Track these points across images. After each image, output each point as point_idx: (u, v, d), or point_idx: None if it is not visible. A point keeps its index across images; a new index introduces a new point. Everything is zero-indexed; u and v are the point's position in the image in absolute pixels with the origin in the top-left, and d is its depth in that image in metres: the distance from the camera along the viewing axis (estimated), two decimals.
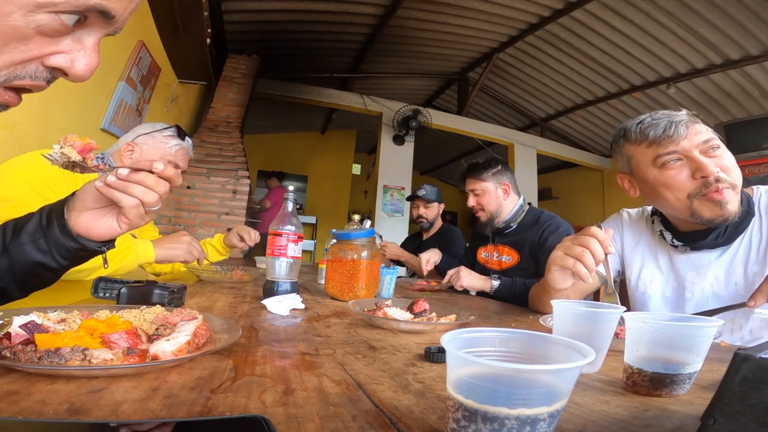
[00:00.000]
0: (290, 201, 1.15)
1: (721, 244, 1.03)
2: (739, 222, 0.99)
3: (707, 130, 0.98)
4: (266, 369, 0.53)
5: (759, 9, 3.87)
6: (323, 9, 4.86)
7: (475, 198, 1.99)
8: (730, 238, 1.01)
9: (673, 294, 1.11)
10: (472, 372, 0.31)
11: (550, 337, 0.38)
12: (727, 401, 0.29)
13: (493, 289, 1.73)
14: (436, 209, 2.86)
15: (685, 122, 0.96)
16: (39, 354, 0.44)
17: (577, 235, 0.96)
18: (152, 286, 0.82)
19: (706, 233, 1.01)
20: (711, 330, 0.51)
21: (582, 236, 0.93)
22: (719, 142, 0.96)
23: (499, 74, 6.51)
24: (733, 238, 1.02)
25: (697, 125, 0.97)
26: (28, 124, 2.05)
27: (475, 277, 1.78)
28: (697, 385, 0.55)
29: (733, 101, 5.15)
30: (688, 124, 0.96)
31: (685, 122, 0.96)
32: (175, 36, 3.57)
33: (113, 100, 2.88)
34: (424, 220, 2.84)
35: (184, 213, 4.03)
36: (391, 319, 0.85)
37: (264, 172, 6.73)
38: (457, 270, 1.77)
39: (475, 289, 1.80)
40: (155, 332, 0.57)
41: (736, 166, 0.97)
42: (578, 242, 0.93)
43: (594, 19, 4.72)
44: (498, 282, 1.74)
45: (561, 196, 8.90)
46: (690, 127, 0.96)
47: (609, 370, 0.62)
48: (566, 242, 0.97)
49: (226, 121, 4.57)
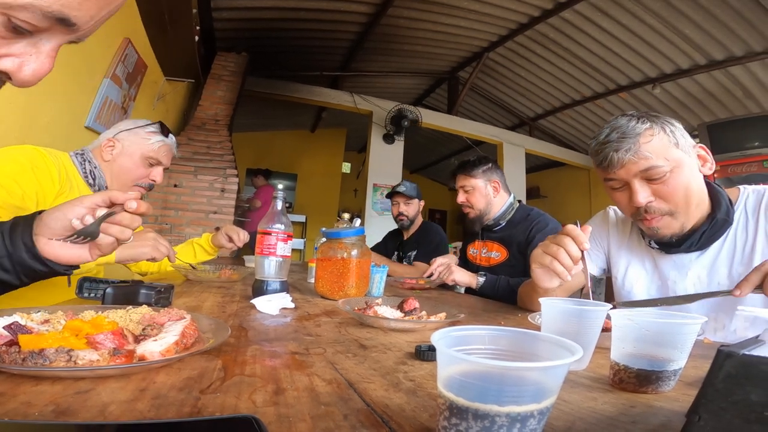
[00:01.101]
0: (279, 199, 1.14)
1: (696, 249, 1.05)
2: (716, 228, 1.01)
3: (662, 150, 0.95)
4: (256, 369, 0.52)
5: (743, 10, 3.94)
6: (314, 7, 4.83)
7: (465, 195, 2.00)
8: (705, 244, 1.03)
9: (657, 293, 1.13)
10: (462, 370, 0.32)
11: (539, 334, 0.38)
12: (712, 398, 0.29)
13: (479, 285, 1.76)
14: (416, 206, 2.76)
15: (627, 149, 0.95)
16: (23, 355, 0.43)
17: (555, 234, 0.97)
18: (138, 285, 0.81)
19: (678, 241, 1.03)
20: (695, 327, 0.52)
21: (559, 235, 0.95)
22: (665, 168, 0.94)
23: (489, 74, 6.54)
24: (709, 243, 1.03)
25: (647, 146, 0.94)
26: (11, 121, 2.01)
27: (464, 273, 1.80)
28: (682, 381, 0.56)
29: (717, 101, 5.24)
30: (636, 150, 0.94)
31: (628, 149, 0.95)
32: (163, 33, 3.51)
33: (98, 97, 2.83)
34: (405, 217, 2.74)
35: (171, 211, 3.98)
36: (382, 318, 0.85)
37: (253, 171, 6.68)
38: (448, 264, 1.77)
39: (464, 284, 1.81)
40: (142, 332, 0.56)
41: (688, 187, 0.96)
42: (555, 240, 0.95)
43: (583, 20, 4.77)
44: (483, 279, 1.76)
45: (549, 195, 8.98)
46: (632, 153, 0.95)
47: (596, 367, 0.63)
48: (546, 240, 0.99)
49: (215, 119, 4.52)
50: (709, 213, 1.02)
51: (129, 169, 1.40)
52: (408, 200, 2.74)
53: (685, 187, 0.97)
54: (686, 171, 0.97)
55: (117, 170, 1.39)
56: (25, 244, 0.66)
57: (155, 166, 1.45)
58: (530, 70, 6.13)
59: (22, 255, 0.66)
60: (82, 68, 2.60)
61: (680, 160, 0.96)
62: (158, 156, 1.44)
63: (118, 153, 1.40)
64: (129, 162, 1.40)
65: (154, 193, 3.96)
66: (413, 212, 2.75)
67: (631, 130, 0.97)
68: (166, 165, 1.49)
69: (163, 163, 1.47)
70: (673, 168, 0.95)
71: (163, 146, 1.46)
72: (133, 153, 1.41)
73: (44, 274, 0.70)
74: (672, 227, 1.00)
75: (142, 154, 1.41)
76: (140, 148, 1.42)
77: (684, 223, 1.00)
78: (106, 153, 1.39)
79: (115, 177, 1.41)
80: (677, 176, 0.96)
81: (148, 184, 1.45)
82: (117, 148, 1.40)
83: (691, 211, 0.99)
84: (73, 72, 2.47)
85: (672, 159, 0.95)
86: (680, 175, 0.96)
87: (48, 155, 1.23)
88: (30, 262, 0.67)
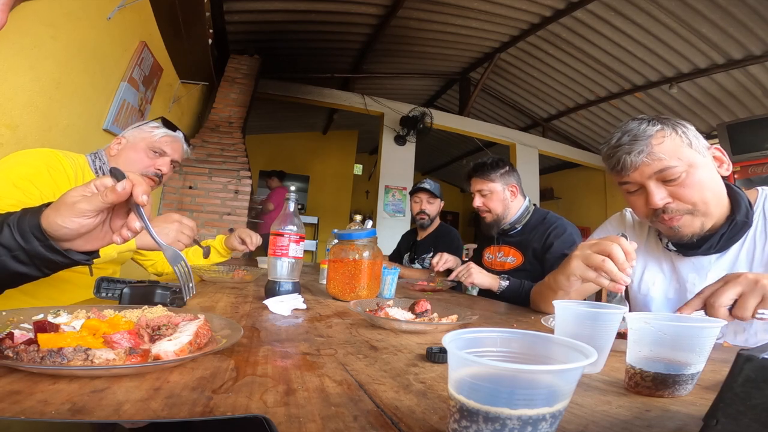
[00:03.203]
0: (292, 201, 1.15)
1: (715, 251, 1.03)
2: (735, 230, 0.99)
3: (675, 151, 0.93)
4: (268, 369, 0.53)
5: (761, 8, 3.86)
6: (324, 9, 4.86)
7: (482, 199, 1.95)
8: (724, 246, 1.01)
9: (675, 296, 1.11)
10: (473, 372, 0.31)
11: (552, 337, 0.38)
12: (730, 402, 0.28)
13: (501, 289, 1.70)
14: (438, 205, 2.68)
15: (640, 151, 0.94)
16: (41, 354, 0.44)
17: (598, 241, 0.89)
18: (154, 286, 0.82)
19: (698, 242, 1.01)
20: (714, 330, 0.51)
21: (603, 242, 0.87)
22: (680, 168, 0.93)
23: (500, 74, 6.51)
24: (728, 245, 1.01)
25: (660, 147, 0.93)
26: (31, 125, 2.06)
27: (485, 275, 1.74)
28: (700, 385, 0.55)
29: (736, 101, 5.14)
30: (649, 151, 0.93)
31: (641, 151, 0.94)
32: (177, 36, 3.57)
33: (115, 100, 2.89)
34: (426, 216, 2.65)
35: (185, 213, 4.02)
36: (393, 320, 0.85)
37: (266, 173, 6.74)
38: (467, 266, 1.73)
39: (484, 286, 1.77)
40: (157, 332, 0.57)
41: (705, 186, 0.95)
42: (598, 249, 0.87)
43: (596, 19, 4.71)
44: (507, 282, 1.70)
45: (563, 197, 8.88)
46: (645, 155, 0.94)
47: (611, 370, 0.62)
48: (585, 250, 0.90)
49: (228, 121, 4.57)
50: (729, 215, 1.00)
51: (134, 160, 1.43)
52: (432, 198, 2.67)
53: (702, 187, 0.95)
54: (702, 171, 0.95)
55: (123, 162, 1.42)
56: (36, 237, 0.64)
57: (161, 157, 1.47)
58: (543, 71, 6.07)
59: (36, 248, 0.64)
60: (100, 72, 2.65)
61: (695, 161, 0.95)
62: (162, 146, 1.46)
63: (123, 147, 1.44)
64: (133, 153, 1.43)
65: (169, 195, 4.02)
66: (435, 211, 2.68)
67: (642, 133, 0.95)
68: (171, 156, 1.49)
69: (168, 153, 1.48)
70: (688, 168, 0.94)
71: (165, 136, 1.48)
72: (136, 144, 1.44)
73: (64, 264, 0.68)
74: (693, 226, 0.98)
75: (146, 145, 1.45)
76: (143, 139, 1.45)
77: (704, 222, 0.98)
78: (113, 149, 1.44)
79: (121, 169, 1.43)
80: (693, 176, 0.94)
81: (154, 173, 1.46)
82: (122, 143, 1.45)
83: (711, 210, 0.97)
84: (90, 75, 2.52)
85: (686, 159, 0.94)
86: (696, 175, 0.95)
87: (64, 157, 1.26)
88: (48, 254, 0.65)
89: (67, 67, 2.25)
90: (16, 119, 1.96)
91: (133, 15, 2.93)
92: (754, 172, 4.39)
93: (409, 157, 6.53)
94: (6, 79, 1.85)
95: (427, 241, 2.70)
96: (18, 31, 1.85)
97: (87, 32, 2.38)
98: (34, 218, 0.65)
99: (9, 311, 0.59)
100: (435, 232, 2.72)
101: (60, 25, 2.13)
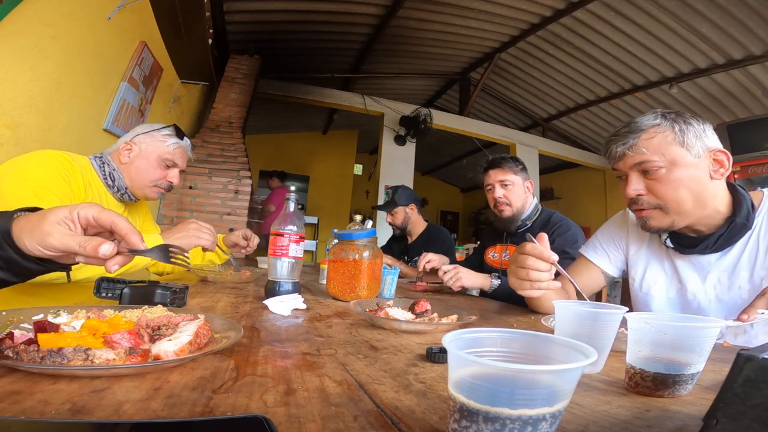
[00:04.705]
0: (292, 201, 1.15)
1: (711, 251, 1.03)
2: (734, 232, 0.99)
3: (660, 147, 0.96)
4: (268, 369, 0.53)
5: (761, 8, 3.85)
6: (324, 9, 4.86)
7: (504, 190, 1.92)
8: (722, 246, 1.01)
9: (677, 296, 1.11)
10: (473, 372, 0.31)
11: (552, 337, 0.38)
12: (730, 402, 0.28)
13: (493, 288, 1.69)
14: (402, 213, 2.72)
15: (625, 142, 0.99)
16: (41, 354, 0.44)
17: (515, 256, 0.96)
18: (154, 286, 0.82)
19: (695, 241, 1.03)
20: (714, 331, 0.51)
21: (519, 256, 0.94)
22: (658, 163, 0.96)
23: (500, 74, 6.50)
24: (727, 246, 1.01)
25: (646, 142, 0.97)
26: (31, 125, 2.06)
27: (475, 275, 1.72)
28: (700, 385, 0.55)
29: (736, 101, 5.13)
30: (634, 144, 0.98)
31: (626, 143, 0.99)
32: (177, 36, 3.57)
33: (115, 100, 2.88)
34: (395, 227, 2.77)
35: (185, 213, 4.04)
36: (393, 320, 0.85)
37: (266, 173, 6.73)
38: (455, 269, 1.68)
39: (476, 287, 1.77)
40: (157, 332, 0.57)
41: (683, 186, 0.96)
42: (517, 264, 0.94)
43: (596, 19, 4.71)
44: (498, 281, 1.70)
45: (563, 197, 8.88)
46: (628, 147, 0.98)
47: (611, 370, 0.62)
48: (511, 266, 0.97)
49: (228, 121, 4.57)
50: (729, 216, 1.00)
51: (146, 170, 1.43)
52: (391, 211, 2.73)
53: (678, 186, 0.96)
54: (684, 170, 0.95)
55: (134, 172, 1.42)
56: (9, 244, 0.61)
57: (171, 168, 1.48)
58: (543, 71, 6.07)
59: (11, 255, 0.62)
60: (100, 72, 2.65)
61: (680, 159, 0.95)
62: (174, 158, 1.47)
63: (135, 155, 1.43)
64: (146, 164, 1.43)
65: (169, 195, 4.02)
66: (399, 220, 2.74)
67: (638, 126, 0.99)
68: (181, 167, 1.51)
69: (179, 165, 1.50)
70: (668, 165, 0.95)
71: (178, 148, 1.49)
72: (149, 155, 1.43)
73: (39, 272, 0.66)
74: (661, 221, 1.01)
75: (159, 156, 1.44)
76: (156, 149, 1.45)
77: (675, 220, 0.99)
78: (123, 156, 1.42)
79: (133, 179, 1.43)
80: (672, 173, 0.96)
81: (167, 185, 1.48)
82: (134, 151, 1.43)
83: (685, 210, 0.98)
84: (90, 75, 2.52)
85: (669, 156, 0.95)
86: (675, 173, 0.95)
87: (72, 160, 1.27)
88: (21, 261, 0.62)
89: (67, 67, 2.24)
90: (16, 119, 1.95)
91: (133, 15, 2.93)
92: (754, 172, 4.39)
93: (409, 157, 6.52)
94: (6, 79, 1.85)
95: (418, 244, 2.71)
96: (18, 31, 1.85)
97: (87, 32, 2.38)
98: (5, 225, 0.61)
99: (9, 311, 0.59)
100: (425, 234, 2.74)
101: (60, 25, 2.13)
